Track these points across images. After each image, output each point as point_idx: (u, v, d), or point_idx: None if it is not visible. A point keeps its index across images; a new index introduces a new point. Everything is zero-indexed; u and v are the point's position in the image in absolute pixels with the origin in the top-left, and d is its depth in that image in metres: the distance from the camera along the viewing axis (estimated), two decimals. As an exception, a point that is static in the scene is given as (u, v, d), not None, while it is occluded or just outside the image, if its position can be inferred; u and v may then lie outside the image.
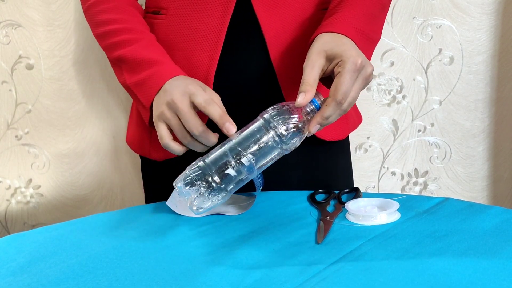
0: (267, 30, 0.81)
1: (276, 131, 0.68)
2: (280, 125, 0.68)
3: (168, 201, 0.78)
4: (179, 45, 0.84)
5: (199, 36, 0.82)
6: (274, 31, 0.82)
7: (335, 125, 0.91)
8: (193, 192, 0.69)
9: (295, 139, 0.69)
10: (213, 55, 0.82)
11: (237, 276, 0.58)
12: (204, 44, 0.82)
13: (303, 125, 0.69)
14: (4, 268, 0.64)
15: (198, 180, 0.68)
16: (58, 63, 1.37)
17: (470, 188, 1.44)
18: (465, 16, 1.31)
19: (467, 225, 0.68)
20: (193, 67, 0.82)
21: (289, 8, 0.82)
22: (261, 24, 0.81)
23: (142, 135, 0.92)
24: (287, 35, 0.83)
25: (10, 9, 1.33)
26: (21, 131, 1.42)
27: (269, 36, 0.82)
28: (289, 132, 0.68)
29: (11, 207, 1.49)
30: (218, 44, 0.81)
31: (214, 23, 0.81)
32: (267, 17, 0.81)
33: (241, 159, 0.68)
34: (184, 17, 0.83)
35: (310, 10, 0.84)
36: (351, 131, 0.97)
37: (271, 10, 0.81)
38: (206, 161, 0.69)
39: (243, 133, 0.69)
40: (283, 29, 0.82)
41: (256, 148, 0.68)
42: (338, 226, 0.71)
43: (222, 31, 0.81)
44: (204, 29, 0.81)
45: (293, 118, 0.68)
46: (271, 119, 0.68)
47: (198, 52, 0.82)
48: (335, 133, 0.91)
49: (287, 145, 0.69)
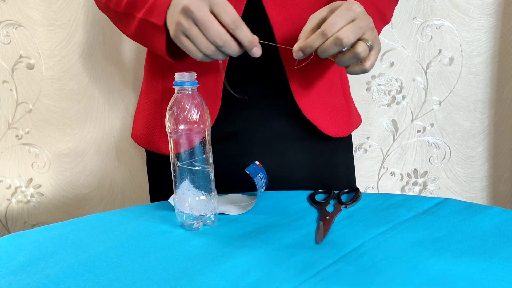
0: (277, 28, 0.82)
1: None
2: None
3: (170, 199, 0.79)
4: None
5: None
6: (284, 29, 0.83)
7: (339, 121, 0.91)
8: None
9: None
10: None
11: (237, 276, 0.58)
12: None
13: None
14: (4, 267, 0.64)
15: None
16: (58, 63, 1.37)
17: (469, 189, 1.44)
18: (465, 17, 1.31)
19: (466, 226, 0.68)
20: (204, 64, 0.83)
21: (298, 7, 0.83)
22: (271, 22, 0.82)
23: (151, 129, 0.92)
24: (297, 33, 0.84)
25: (11, 9, 1.33)
26: (21, 130, 1.42)
27: (279, 33, 0.82)
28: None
29: (11, 206, 1.49)
30: None
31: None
32: (277, 16, 0.82)
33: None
34: None
35: (319, 8, 0.85)
36: (354, 129, 0.98)
37: (281, 8, 0.82)
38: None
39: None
40: (293, 27, 0.83)
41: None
42: (337, 226, 0.71)
43: None
44: None
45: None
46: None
47: None
48: (340, 129, 0.92)
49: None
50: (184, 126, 0.69)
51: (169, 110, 0.70)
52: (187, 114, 0.69)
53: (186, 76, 0.69)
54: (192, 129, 0.69)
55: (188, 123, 0.69)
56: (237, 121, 0.89)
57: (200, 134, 0.70)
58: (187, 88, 0.69)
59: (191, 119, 0.69)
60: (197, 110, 0.69)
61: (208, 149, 0.72)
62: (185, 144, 0.70)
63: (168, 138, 0.71)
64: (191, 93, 0.69)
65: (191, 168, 0.71)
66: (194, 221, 0.72)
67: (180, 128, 0.69)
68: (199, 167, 0.71)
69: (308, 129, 0.90)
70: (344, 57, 0.70)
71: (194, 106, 0.69)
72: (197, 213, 0.72)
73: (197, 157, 0.71)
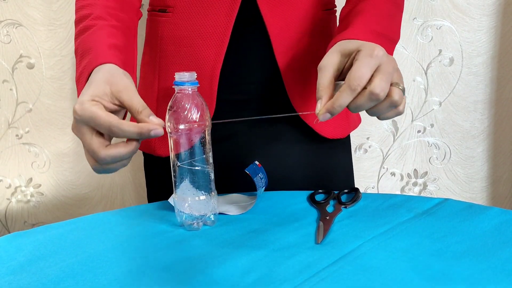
0: (271, 28, 0.82)
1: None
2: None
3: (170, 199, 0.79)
4: (185, 42, 0.85)
5: (206, 34, 0.83)
6: (279, 29, 0.83)
7: (337, 123, 0.91)
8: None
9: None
10: (219, 52, 0.83)
11: (237, 276, 0.58)
12: (210, 41, 0.83)
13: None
14: (4, 267, 0.64)
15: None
16: (59, 62, 1.37)
17: (469, 189, 1.44)
18: (465, 17, 1.31)
19: (466, 226, 0.68)
20: (199, 64, 0.84)
21: (292, 7, 0.83)
22: (265, 22, 0.82)
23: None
24: (291, 33, 0.84)
25: (11, 9, 1.33)
26: (21, 130, 1.42)
27: (273, 33, 0.83)
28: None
29: (11, 206, 1.49)
30: (224, 41, 0.82)
31: (220, 21, 0.82)
32: (271, 15, 0.82)
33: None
34: (190, 15, 0.84)
35: (313, 10, 0.86)
36: (352, 130, 0.98)
37: (275, 8, 0.82)
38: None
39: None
40: (287, 27, 0.84)
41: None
42: (337, 226, 0.71)
43: (228, 29, 0.82)
44: (210, 26, 0.83)
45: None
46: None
47: (204, 49, 0.83)
48: (337, 131, 0.92)
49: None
50: (184, 126, 0.69)
51: (169, 110, 0.70)
52: (187, 114, 0.69)
53: (186, 76, 0.69)
54: (192, 129, 0.69)
55: (188, 123, 0.69)
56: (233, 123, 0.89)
57: (200, 134, 0.70)
58: (187, 88, 0.69)
59: (191, 119, 0.69)
60: (197, 110, 0.69)
61: (208, 149, 0.72)
62: (185, 144, 0.70)
63: (168, 138, 0.71)
64: (191, 93, 0.69)
65: (191, 168, 0.71)
66: (194, 221, 0.72)
67: (180, 128, 0.69)
68: (199, 167, 0.71)
69: (306, 131, 0.90)
70: (380, 107, 0.64)
71: (194, 106, 0.69)
72: (197, 213, 0.72)
73: (197, 157, 0.71)
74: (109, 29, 0.72)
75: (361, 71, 0.61)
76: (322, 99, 0.63)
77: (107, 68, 0.65)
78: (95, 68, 0.65)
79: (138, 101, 0.61)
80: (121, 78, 0.63)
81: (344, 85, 0.62)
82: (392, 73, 0.63)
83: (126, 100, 0.61)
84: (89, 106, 0.59)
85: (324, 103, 0.63)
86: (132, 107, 0.60)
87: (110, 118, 0.59)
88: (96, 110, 0.59)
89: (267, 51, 0.84)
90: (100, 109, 0.59)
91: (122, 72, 0.65)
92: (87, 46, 0.69)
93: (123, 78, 0.63)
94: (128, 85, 0.62)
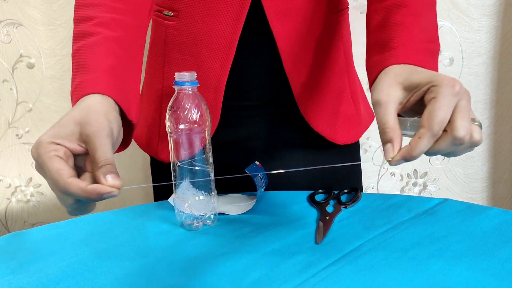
0: (279, 36, 0.80)
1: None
2: None
3: (170, 199, 0.79)
4: (190, 50, 0.82)
5: (212, 42, 0.80)
6: (287, 38, 0.80)
7: (348, 128, 0.89)
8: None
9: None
10: (225, 62, 0.80)
11: (237, 276, 0.58)
12: (216, 50, 0.80)
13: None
14: (4, 266, 0.64)
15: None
16: (59, 62, 1.37)
17: (469, 189, 1.44)
18: (465, 18, 1.31)
19: (466, 226, 0.68)
20: (204, 73, 0.81)
21: (301, 14, 0.80)
22: (273, 31, 0.79)
23: (150, 135, 0.91)
24: (300, 42, 0.81)
25: (11, 8, 1.33)
26: (21, 130, 1.42)
27: (281, 43, 0.80)
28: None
29: (11, 205, 1.49)
30: (231, 51, 0.80)
31: (226, 30, 0.79)
32: (279, 24, 0.79)
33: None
34: (196, 22, 0.81)
35: (323, 14, 0.83)
36: (364, 132, 0.95)
37: (283, 16, 0.79)
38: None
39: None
40: (295, 35, 0.81)
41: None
42: (337, 226, 0.71)
43: (234, 38, 0.79)
44: (216, 35, 0.80)
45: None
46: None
47: (210, 58, 0.81)
48: (349, 136, 0.90)
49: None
50: (184, 126, 0.69)
51: (169, 109, 0.70)
52: (187, 114, 0.69)
53: (187, 76, 0.69)
54: (192, 129, 0.69)
55: (188, 123, 0.69)
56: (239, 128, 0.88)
57: (200, 134, 0.70)
58: (187, 88, 0.69)
59: (191, 119, 0.69)
60: (197, 110, 0.69)
61: (208, 149, 0.72)
62: (185, 144, 0.70)
63: (168, 138, 0.71)
64: (191, 93, 0.69)
65: (191, 168, 0.71)
66: (194, 221, 0.72)
67: (180, 128, 0.69)
68: (199, 167, 0.71)
69: (314, 138, 0.87)
70: (461, 149, 0.55)
71: (194, 106, 0.69)
72: (197, 213, 0.72)
73: (197, 157, 0.71)
74: (110, 46, 0.64)
75: (443, 113, 0.52)
76: (394, 143, 0.54)
77: (88, 103, 0.57)
78: (81, 98, 0.58)
79: (102, 153, 0.52)
80: (96, 119, 0.54)
81: (423, 130, 0.53)
82: (470, 108, 0.55)
83: (90, 149, 0.53)
84: (43, 152, 0.51)
85: (397, 148, 0.54)
86: (94, 158, 0.52)
87: (59, 175, 0.50)
88: (47, 160, 0.51)
89: (272, 56, 0.81)
90: (51, 158, 0.51)
91: (103, 111, 0.56)
92: (82, 62, 0.63)
93: (99, 119, 0.55)
94: (100, 129, 0.53)
